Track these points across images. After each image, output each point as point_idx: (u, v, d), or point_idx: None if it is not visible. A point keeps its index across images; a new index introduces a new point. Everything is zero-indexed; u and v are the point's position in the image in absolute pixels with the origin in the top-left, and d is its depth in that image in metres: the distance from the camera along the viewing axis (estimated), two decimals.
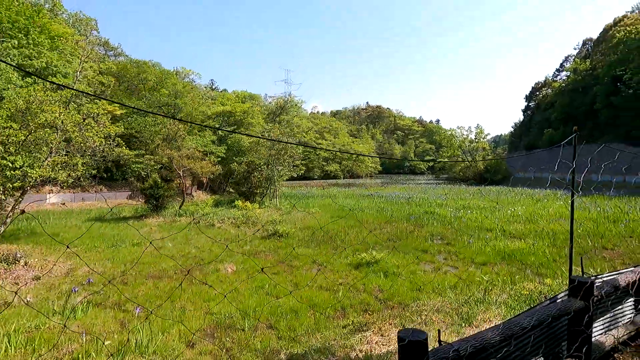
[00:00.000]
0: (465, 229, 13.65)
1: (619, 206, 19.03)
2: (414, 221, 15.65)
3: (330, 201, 26.82)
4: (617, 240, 11.24)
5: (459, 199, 26.87)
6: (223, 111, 39.22)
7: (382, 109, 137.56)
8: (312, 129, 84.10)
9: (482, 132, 56.17)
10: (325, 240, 11.93)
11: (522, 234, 12.38)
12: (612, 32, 42.04)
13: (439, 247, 10.70)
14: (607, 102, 39.57)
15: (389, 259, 8.99)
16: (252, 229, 13.91)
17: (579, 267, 5.97)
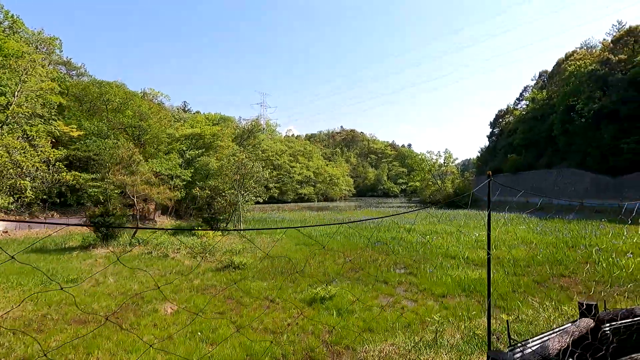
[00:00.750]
0: (429, 256, 13.44)
1: (576, 230, 19.62)
2: (379, 248, 15.32)
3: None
4: (574, 267, 11.32)
5: (428, 223, 27.02)
6: (192, 134, 38.33)
7: (356, 132, 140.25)
8: (285, 152, 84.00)
9: (450, 156, 58.01)
10: (285, 271, 11.31)
11: (484, 261, 12.26)
12: (564, 66, 45.29)
13: (401, 277, 10.34)
14: (563, 130, 41.97)
15: (346, 292, 8.50)
16: (209, 259, 13.07)
17: (536, 300, 5.68)
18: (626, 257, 11.82)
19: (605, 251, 13.64)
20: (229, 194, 19.15)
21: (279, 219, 32.67)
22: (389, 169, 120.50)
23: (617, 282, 9.41)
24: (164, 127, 33.22)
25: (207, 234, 16.49)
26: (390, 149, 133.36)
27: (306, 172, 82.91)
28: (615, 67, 36.97)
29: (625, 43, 38.06)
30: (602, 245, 14.71)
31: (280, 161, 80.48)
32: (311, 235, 20.40)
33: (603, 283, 9.47)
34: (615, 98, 35.28)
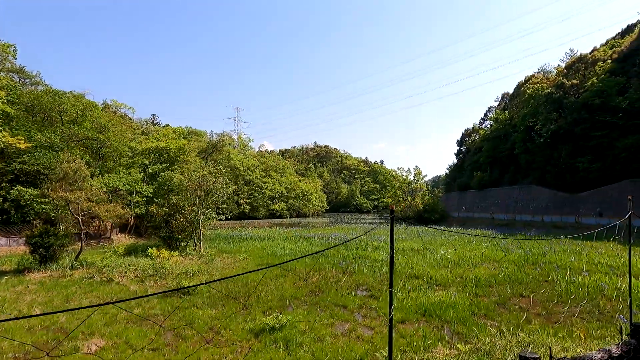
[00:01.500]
0: (394, 276, 13.07)
1: (537, 247, 20.07)
2: (343, 267, 14.83)
3: (266, 244, 25.35)
4: (534, 286, 11.30)
5: (397, 240, 26.91)
6: (156, 147, 36.82)
7: (330, 148, 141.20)
8: (257, 167, 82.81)
9: (420, 173, 59.19)
10: (240, 296, 10.55)
11: (447, 281, 12.05)
12: (523, 88, 47.87)
13: (361, 300, 9.86)
14: (524, 148, 43.89)
15: (300, 321, 7.89)
16: (159, 283, 12.05)
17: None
18: (582, 275, 11.98)
19: (563, 268, 13.84)
20: (189, 212, 18.14)
21: (246, 237, 31.56)
22: (362, 185, 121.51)
23: (575, 302, 9.38)
24: (126, 140, 31.64)
25: (162, 254, 15.37)
26: (363, 165, 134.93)
27: (278, 187, 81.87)
28: (569, 91, 39.39)
29: (576, 69, 40.78)
30: (560, 263, 14.97)
31: (251, 176, 79.10)
32: (276, 253, 19.66)
33: (561, 303, 9.41)
34: (570, 119, 37.41)
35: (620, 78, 35.04)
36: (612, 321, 7.84)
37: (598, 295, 9.79)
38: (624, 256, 15.69)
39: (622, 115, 33.30)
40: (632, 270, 11.99)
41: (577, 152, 36.46)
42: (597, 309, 8.78)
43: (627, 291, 9.95)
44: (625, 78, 35.06)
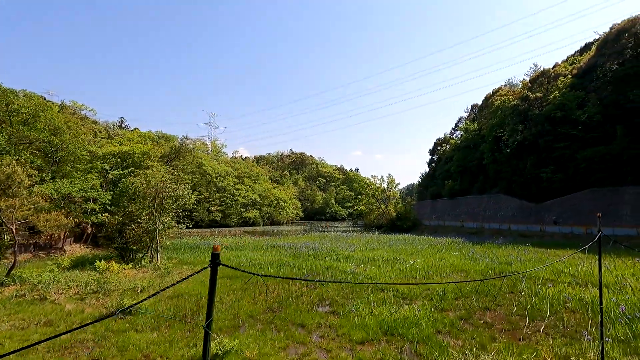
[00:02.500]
0: (359, 289, 12.51)
1: (504, 256, 20.19)
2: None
3: (233, 254, 24.25)
4: (500, 298, 11.05)
5: (368, 249, 26.51)
6: (119, 152, 34.86)
7: (306, 156, 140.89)
8: (231, 174, 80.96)
9: (393, 181, 59.72)
10: (190, 314, 9.60)
11: (414, 294, 11.61)
12: (491, 100, 49.46)
13: (321, 317, 9.18)
14: (492, 159, 45.10)
15: (249, 345, 7.10)
16: (101, 301, 10.86)
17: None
18: (547, 286, 11.88)
19: (528, 279, 13.79)
20: (145, 220, 16.87)
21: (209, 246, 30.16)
22: (337, 193, 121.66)
23: (539, 316, 9.13)
24: (84, 143, 29.65)
25: (111, 267, 14.08)
26: (338, 172, 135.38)
27: (252, 194, 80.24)
28: (533, 103, 40.95)
29: (540, 83, 42.55)
30: (525, 273, 14.96)
31: (224, 183, 77.16)
32: (240, 265, 18.67)
33: (526, 317, 9.13)
34: (534, 131, 38.78)
35: (580, 92, 36.77)
36: (576, 336, 7.58)
37: (562, 308, 9.60)
38: (585, 265, 15.92)
39: (582, 128, 34.85)
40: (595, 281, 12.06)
41: (541, 162, 37.74)
42: (562, 322, 8.55)
43: (591, 304, 9.85)
44: (584, 93, 36.82)
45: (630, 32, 34.81)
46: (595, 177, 32.65)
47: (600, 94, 35.11)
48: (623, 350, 6.74)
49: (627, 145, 30.70)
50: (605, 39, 38.10)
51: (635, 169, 29.83)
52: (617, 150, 31.24)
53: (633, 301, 9.57)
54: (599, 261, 4.63)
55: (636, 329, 7.57)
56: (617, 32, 36.53)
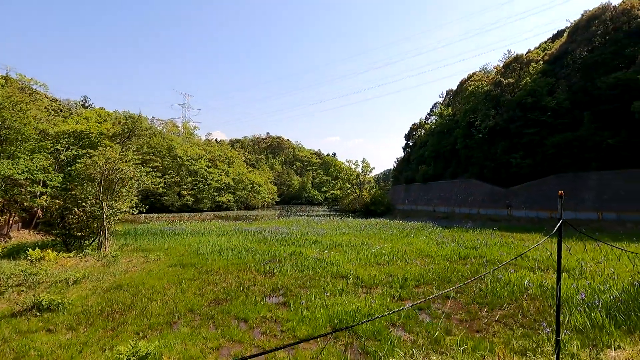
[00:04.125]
0: (318, 277, 11.82)
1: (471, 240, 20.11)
2: (267, 267, 13.28)
3: (195, 240, 23.08)
4: (462, 284, 10.63)
5: (338, 234, 25.98)
6: (74, 131, 32.35)
7: (283, 139, 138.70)
8: (203, 157, 78.33)
9: (368, 166, 59.44)
10: (122, 309, 8.55)
11: (374, 282, 11.02)
12: (465, 85, 49.46)
13: (269, 310, 8.38)
14: (465, 144, 45.36)
15: (175, 346, 6.20)
16: (23, 295, 9.61)
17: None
18: (509, 271, 11.59)
19: (492, 263, 13.55)
20: (91, 204, 15.40)
21: (179, 231, 28.83)
22: (314, 177, 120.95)
23: (499, 304, 8.72)
24: (32, 121, 27.12)
25: (47, 255, 12.70)
26: (315, 157, 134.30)
27: (225, 178, 78.13)
28: (506, 89, 41.12)
29: (513, 69, 42.70)
30: (490, 257, 14.77)
31: (196, 167, 74.61)
32: (199, 251, 17.61)
33: (486, 305, 8.70)
34: (506, 117, 39.03)
35: (550, 79, 37.09)
36: (534, 326, 7.15)
37: (523, 295, 9.25)
38: (548, 249, 15.90)
39: (551, 114, 35.27)
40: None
41: (511, 148, 38.17)
42: (521, 311, 8.14)
43: (551, 290, 9.55)
44: (554, 79, 37.18)
45: (600, 19, 35.13)
46: (562, 162, 33.32)
47: (569, 81, 35.53)
48: (581, 341, 6.32)
49: (593, 132, 31.33)
50: (576, 26, 38.39)
51: (599, 155, 30.55)
52: (584, 136, 31.86)
53: (593, 287, 9.33)
54: (558, 251, 3.96)
55: (595, 318, 7.22)
56: (587, 19, 36.81)
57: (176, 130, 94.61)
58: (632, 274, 10.36)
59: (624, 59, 31.88)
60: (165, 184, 69.76)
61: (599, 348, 5.99)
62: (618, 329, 6.79)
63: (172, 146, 75.68)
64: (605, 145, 29.95)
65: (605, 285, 9.17)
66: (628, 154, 28.58)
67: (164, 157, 73.97)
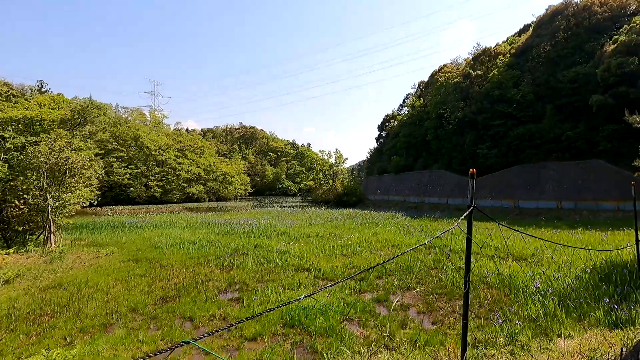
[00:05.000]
0: (280, 269, 11.39)
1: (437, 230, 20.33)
2: (226, 260, 12.69)
3: (156, 232, 22.04)
4: (423, 274, 10.54)
5: (307, 224, 25.63)
6: (24, 117, 29.88)
7: (256, 129, 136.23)
8: (172, 147, 75.51)
9: (341, 156, 59.33)
10: (53, 312, 7.73)
11: (336, 274, 10.72)
12: (436, 77, 50.02)
13: (219, 307, 7.86)
14: (435, 135, 46.02)
15: (99, 353, 5.57)
16: None
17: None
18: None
19: (454, 253, 13.63)
20: (34, 197, 14.13)
21: (141, 224, 27.50)
22: (288, 168, 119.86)
23: (457, 294, 8.64)
24: None
25: None
26: (290, 147, 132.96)
27: (195, 169, 75.79)
28: (475, 81, 41.88)
29: (481, 61, 43.49)
30: (454, 246, 14.87)
31: (164, 157, 71.84)
32: (157, 245, 16.71)
33: (444, 295, 8.59)
34: (474, 108, 39.81)
35: (516, 72, 38.04)
36: (490, 317, 7.06)
37: (481, 284, 9.22)
38: (508, 238, 16.25)
39: (516, 107, 36.25)
40: (517, 253, 12.04)
41: (479, 139, 39.05)
42: (478, 301, 8.07)
43: (509, 279, 9.59)
44: (520, 72, 38.16)
45: (562, 14, 36.21)
46: (525, 153, 34.40)
47: (534, 74, 36.56)
48: (533, 331, 6.26)
49: (554, 124, 32.47)
50: (541, 21, 39.45)
51: (559, 147, 31.74)
52: (546, 128, 32.97)
53: (548, 275, 9.44)
54: (468, 237, 3.56)
55: (548, 306, 7.22)
56: (551, 14, 37.88)
57: (143, 119, 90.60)
58: (584, 260, 10.61)
59: (584, 54, 33.10)
60: (131, 174, 66.85)
61: (550, 337, 5.94)
62: (569, 317, 6.80)
63: (138, 135, 72.35)
64: (565, 137, 31.14)
65: (559, 273, 9.30)
66: (585, 145, 29.86)
67: (130, 147, 70.69)
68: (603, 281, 8.68)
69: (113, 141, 67.84)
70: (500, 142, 36.64)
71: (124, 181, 65.05)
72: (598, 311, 6.74)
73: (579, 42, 33.74)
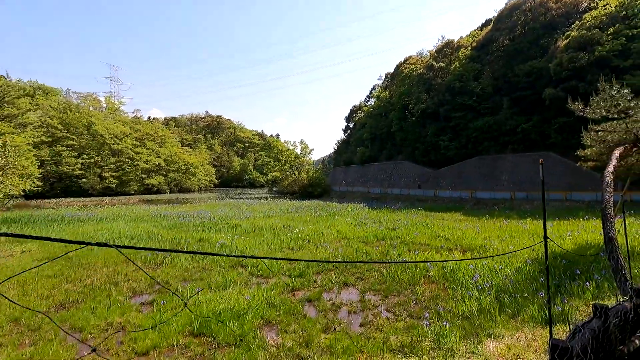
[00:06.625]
0: (215, 266, 10.42)
1: (393, 221, 20.05)
2: (154, 258, 11.52)
3: (96, 227, 20.25)
4: (367, 269, 9.95)
5: (265, 216, 24.64)
6: None
7: (223, 119, 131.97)
8: (129, 136, 71.31)
9: (306, 147, 58.41)
10: None
11: (274, 270, 9.90)
12: (401, 68, 50.05)
13: (122, 314, 6.81)
14: (399, 126, 46.16)
15: None
16: None
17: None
18: (414, 253, 11.21)
19: (405, 244, 13.23)
20: None
21: (85, 218, 25.33)
22: (256, 159, 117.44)
23: (396, 289, 8.09)
24: None
25: None
26: (258, 138, 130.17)
27: (155, 159, 72.11)
28: (437, 73, 42.18)
29: (445, 54, 43.85)
30: (406, 238, 14.50)
31: (121, 146, 67.71)
32: (92, 239, 15.14)
33: (382, 292, 8.01)
34: (437, 100, 40.13)
35: (477, 65, 38.61)
36: (423, 315, 6.51)
37: (422, 279, 8.75)
38: (460, 228, 16.15)
39: (476, 99, 36.85)
40: (466, 244, 11.68)
41: (440, 131, 39.48)
42: (416, 297, 7.55)
43: (451, 272, 9.19)
44: (480, 65, 38.76)
45: (520, 9, 36.98)
46: (484, 145, 35.13)
47: (493, 67, 37.22)
48: (465, 331, 5.76)
49: (510, 117, 33.26)
50: (501, 15, 40.16)
51: (514, 139, 32.59)
52: (502, 120, 33.72)
53: (490, 266, 9.14)
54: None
55: (484, 301, 6.79)
56: (510, 9, 38.62)
57: (98, 105, 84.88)
58: (529, 251, 10.46)
59: (540, 48, 34.00)
60: (83, 164, 62.52)
61: (480, 338, 5.45)
62: (504, 312, 6.39)
63: (91, 123, 67.65)
64: (520, 130, 31.97)
65: (501, 265, 9.01)
66: (538, 138, 30.80)
67: (82, 135, 65.96)
68: (542, 272, 8.48)
69: (62, 128, 62.94)
70: (461, 134, 37.20)
71: (75, 171, 60.70)
72: (532, 307, 6.38)
73: (535, 37, 34.60)
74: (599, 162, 10.45)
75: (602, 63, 26.48)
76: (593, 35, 27.66)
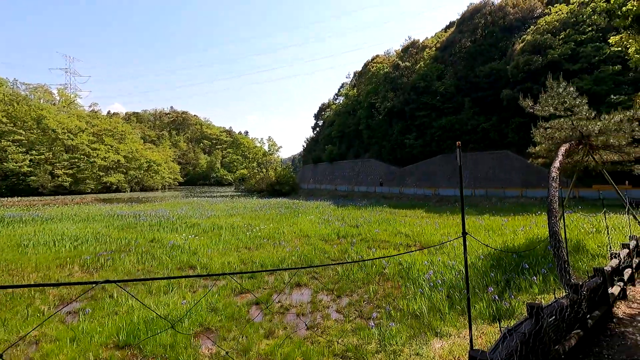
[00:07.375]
0: (162, 269, 9.71)
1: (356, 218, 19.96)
2: (95, 261, 10.59)
3: (36, 228, 18.59)
4: (321, 268, 9.63)
5: (227, 215, 23.82)
6: None
7: (189, 115, 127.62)
8: (85, 131, 67.09)
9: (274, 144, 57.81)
10: None
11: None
12: (369, 67, 50.46)
13: (42, 326, 6.04)
14: (366, 125, 46.51)
15: None
16: None
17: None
18: (372, 250, 11.05)
19: (365, 241, 13.09)
20: None
21: (27, 218, 23.28)
22: (224, 156, 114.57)
23: (349, 289, 7.83)
24: None
25: None
26: (226, 135, 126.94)
27: (114, 156, 68.31)
28: (403, 72, 42.85)
29: (410, 53, 44.65)
30: (365, 235, 14.37)
31: (75, 142, 63.50)
32: (23, 243, 13.78)
33: (334, 292, 7.71)
34: (402, 99, 40.76)
35: (440, 65, 39.60)
36: (373, 315, 6.27)
37: (377, 276, 8.56)
38: (420, 225, 16.29)
39: (440, 99, 37.79)
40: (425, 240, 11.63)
41: (406, 129, 40.18)
42: (368, 296, 7.32)
43: (407, 270, 9.07)
44: (444, 66, 39.79)
45: (481, 12, 38.27)
46: (447, 144, 36.08)
47: (455, 68, 38.32)
48: (413, 330, 5.56)
49: (471, 116, 34.38)
50: (464, 17, 41.41)
51: (475, 138, 33.72)
52: (464, 120, 34.79)
53: (444, 261, 9.12)
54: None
55: (435, 299, 6.67)
56: (472, 11, 39.90)
57: (50, 97, 79.33)
58: (482, 246, 10.58)
59: (499, 51, 35.36)
60: (32, 161, 58.07)
61: (427, 338, 5.27)
62: (453, 310, 6.28)
63: (42, 116, 62.95)
64: (480, 129, 33.11)
65: (454, 261, 9.00)
66: (497, 137, 32.03)
67: (31, 130, 61.23)
68: (494, 267, 8.55)
69: (8, 122, 58.10)
70: (425, 133, 38.00)
71: (23, 169, 56.24)
72: (481, 303, 6.32)
73: (494, 40, 35.93)
74: (548, 158, 10.77)
75: (554, 66, 27.85)
76: (546, 39, 29.05)
